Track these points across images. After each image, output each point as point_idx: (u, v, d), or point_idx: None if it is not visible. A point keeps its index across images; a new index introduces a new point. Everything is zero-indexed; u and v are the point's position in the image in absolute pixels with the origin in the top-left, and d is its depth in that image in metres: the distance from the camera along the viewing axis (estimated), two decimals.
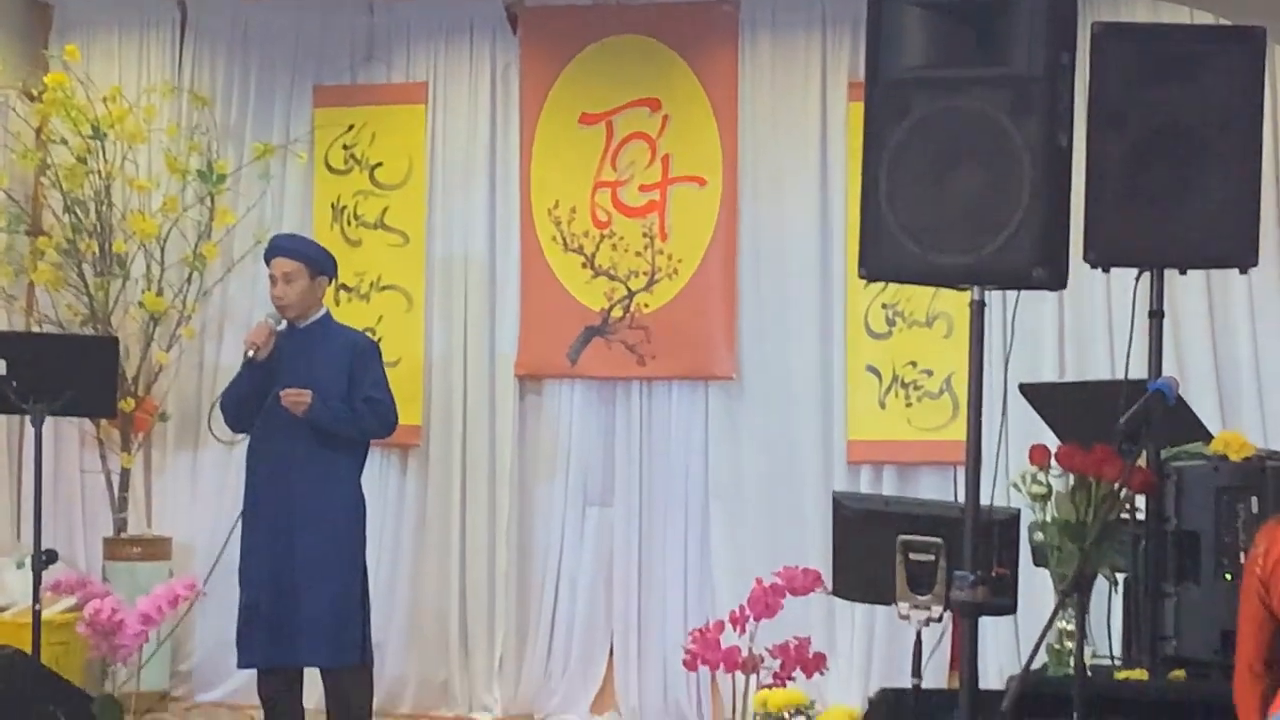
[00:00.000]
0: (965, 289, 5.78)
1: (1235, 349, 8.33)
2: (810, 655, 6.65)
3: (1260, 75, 5.88)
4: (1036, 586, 6.71)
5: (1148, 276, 5.94)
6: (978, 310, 5.74)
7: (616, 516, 9.27)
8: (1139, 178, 5.82)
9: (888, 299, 8.74)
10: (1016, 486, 6.07)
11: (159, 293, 9.44)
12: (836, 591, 6.58)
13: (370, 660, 7.92)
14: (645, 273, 9.20)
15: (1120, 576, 6.01)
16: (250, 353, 7.78)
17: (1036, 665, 5.51)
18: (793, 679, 6.58)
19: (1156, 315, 5.95)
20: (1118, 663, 5.97)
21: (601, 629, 9.27)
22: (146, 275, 9.49)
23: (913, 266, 5.77)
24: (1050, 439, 6.20)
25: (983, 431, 5.67)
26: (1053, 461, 5.92)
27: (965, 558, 5.59)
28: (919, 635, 5.88)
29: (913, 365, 8.74)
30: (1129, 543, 5.81)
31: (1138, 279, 5.95)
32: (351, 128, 9.67)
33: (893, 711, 6.03)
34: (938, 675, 7.42)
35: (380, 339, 8.82)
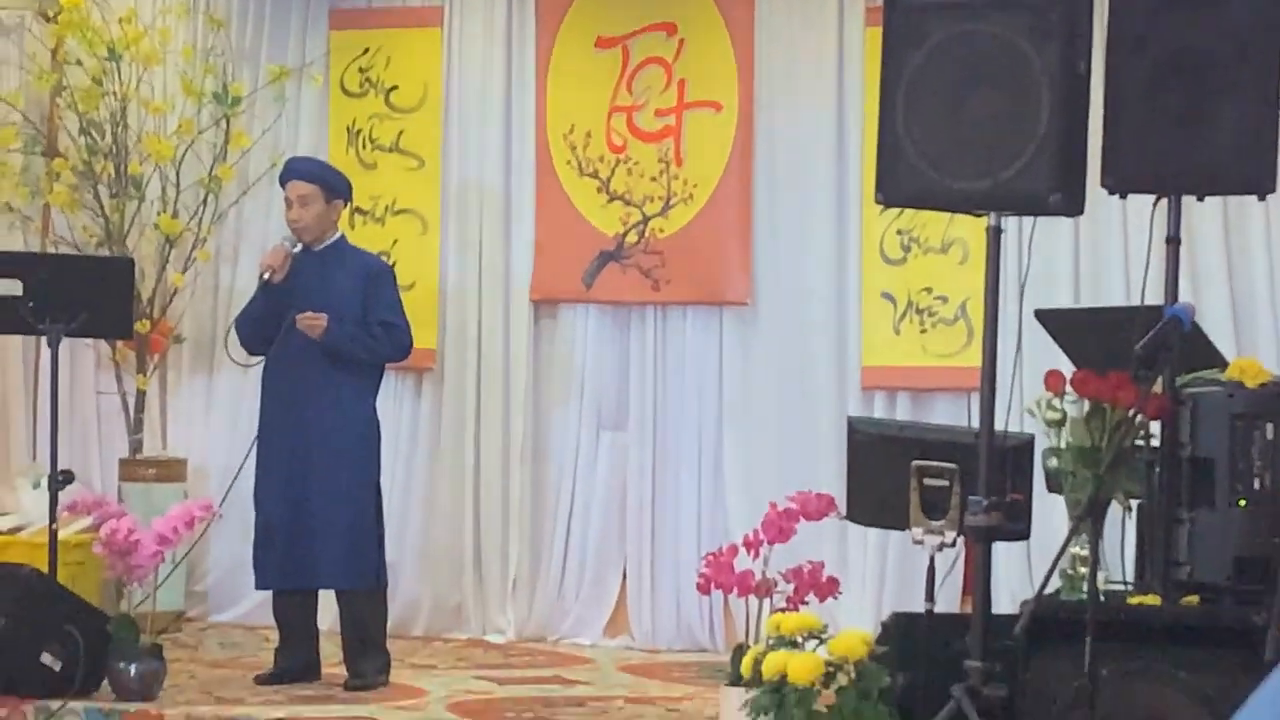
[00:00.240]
0: (982, 215, 5.79)
1: (1252, 276, 8.31)
2: (823, 580, 6.69)
3: None
4: (1050, 512, 6.75)
5: (1165, 203, 5.92)
6: (994, 236, 5.75)
7: (630, 441, 9.27)
8: (1158, 103, 5.79)
9: (903, 225, 8.72)
10: (1031, 412, 6.08)
11: (174, 215, 9.44)
12: (850, 516, 6.62)
13: (385, 583, 7.96)
14: (660, 198, 9.19)
15: (1134, 502, 6.03)
16: (265, 275, 7.79)
17: (1050, 590, 5.53)
18: (806, 603, 6.62)
19: (1173, 242, 5.93)
20: (1131, 588, 5.99)
21: (615, 553, 9.29)
22: (162, 197, 9.49)
23: (930, 192, 5.78)
24: (1065, 365, 6.20)
25: (998, 357, 5.69)
26: (1068, 387, 5.92)
27: (979, 483, 5.62)
28: (932, 560, 5.91)
29: (928, 291, 8.72)
30: (1143, 469, 5.82)
31: (1155, 205, 5.93)
32: (367, 51, 9.64)
33: (905, 636, 6.05)
34: (950, 600, 7.45)
35: (395, 263, 8.82)
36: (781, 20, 9.08)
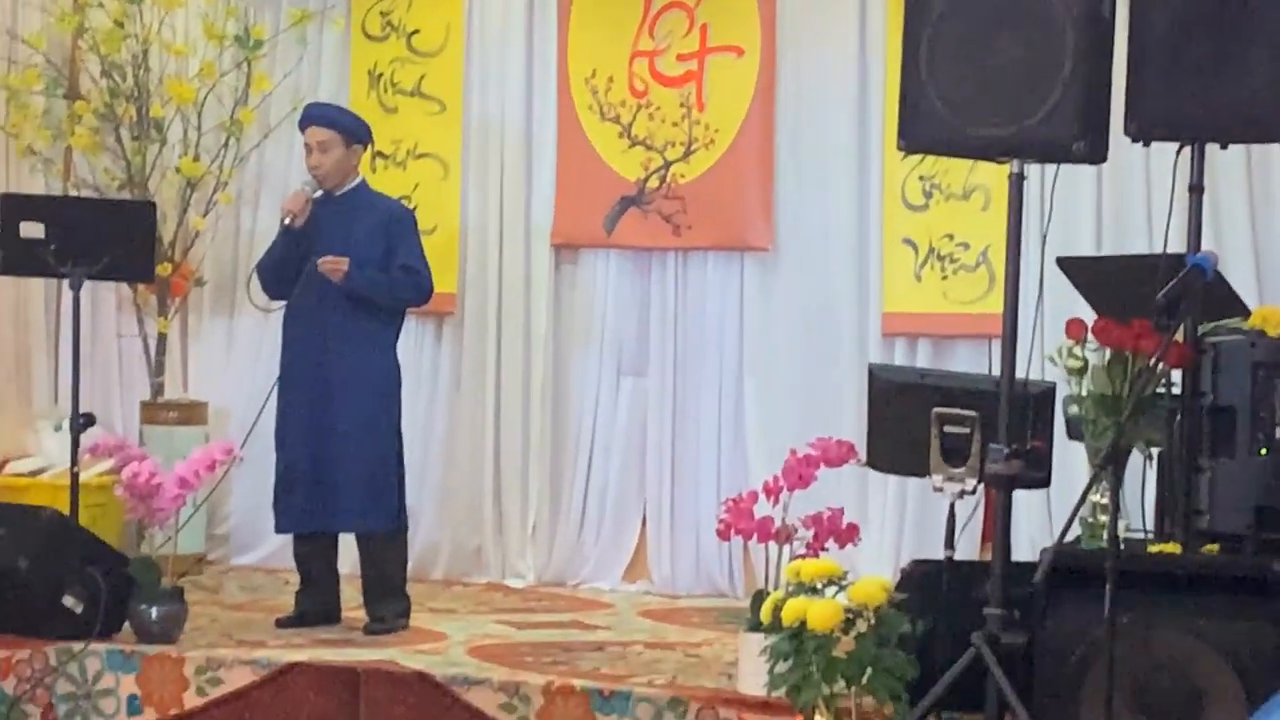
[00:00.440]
0: (1004, 162, 5.78)
1: (1274, 224, 8.27)
2: (843, 526, 6.68)
3: None
4: (1070, 460, 6.75)
5: (1188, 151, 5.90)
6: (1016, 183, 5.74)
7: (650, 386, 9.27)
8: (1182, 50, 5.75)
9: (925, 171, 8.69)
10: (1052, 360, 6.08)
11: (196, 158, 9.43)
12: (870, 463, 6.61)
13: (405, 526, 7.98)
14: (682, 143, 9.16)
15: (1155, 450, 6.02)
16: (286, 220, 7.79)
17: (1070, 538, 5.54)
18: (825, 550, 6.61)
19: (1196, 190, 5.90)
20: (1151, 536, 5.99)
21: (634, 498, 9.30)
22: (184, 140, 9.48)
23: (952, 138, 5.77)
24: (1087, 313, 6.19)
25: (1019, 305, 5.68)
26: (1089, 335, 5.92)
27: (1000, 431, 5.62)
28: (952, 508, 5.91)
29: (949, 238, 8.69)
30: (1164, 417, 5.81)
31: (1178, 153, 5.90)
32: None
33: (925, 583, 6.06)
34: (970, 548, 7.46)
35: (416, 207, 8.83)
36: None
